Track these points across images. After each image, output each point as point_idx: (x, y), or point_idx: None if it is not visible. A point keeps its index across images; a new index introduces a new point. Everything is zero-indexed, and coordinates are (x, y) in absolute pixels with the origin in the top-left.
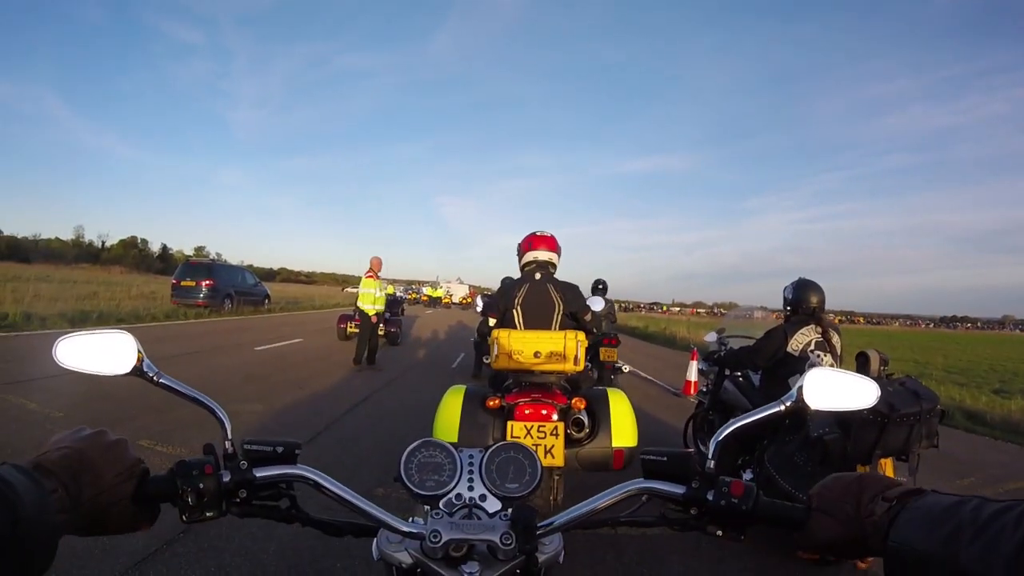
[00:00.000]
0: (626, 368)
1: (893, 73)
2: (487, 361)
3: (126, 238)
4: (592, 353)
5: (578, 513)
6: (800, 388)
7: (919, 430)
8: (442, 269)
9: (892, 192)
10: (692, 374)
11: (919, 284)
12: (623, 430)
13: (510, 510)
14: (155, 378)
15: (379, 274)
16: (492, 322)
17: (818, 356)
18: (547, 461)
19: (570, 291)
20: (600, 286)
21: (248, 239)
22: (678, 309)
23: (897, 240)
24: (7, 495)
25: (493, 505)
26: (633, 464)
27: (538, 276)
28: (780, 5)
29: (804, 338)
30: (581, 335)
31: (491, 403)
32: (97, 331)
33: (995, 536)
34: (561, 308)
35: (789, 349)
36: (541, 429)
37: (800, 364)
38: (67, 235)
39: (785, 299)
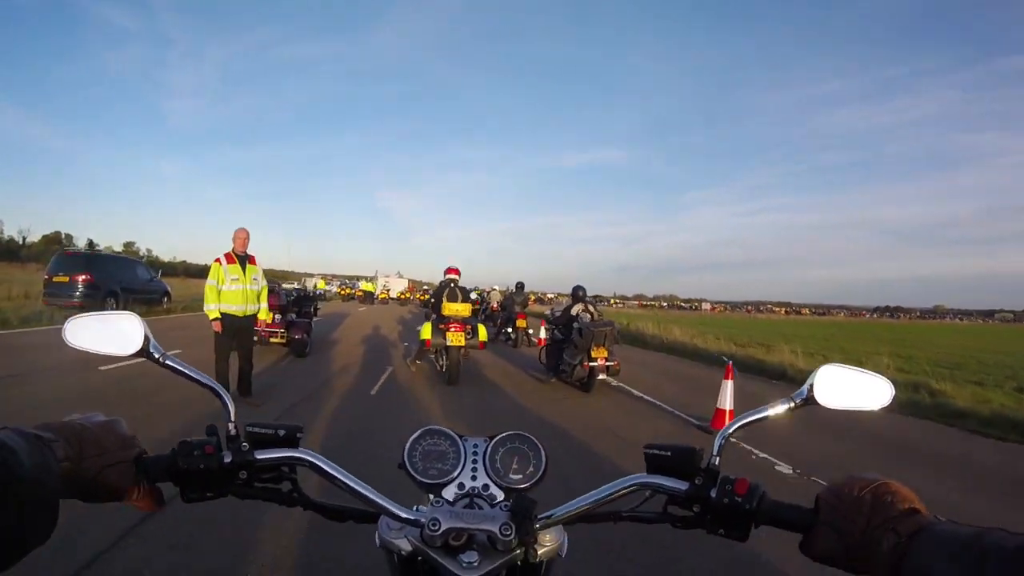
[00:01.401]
0: (609, 378)
1: (827, 74)
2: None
3: (49, 234)
4: (512, 324)
5: (579, 506)
6: (811, 385)
7: (611, 336)
8: (383, 263)
9: (826, 188)
10: (727, 400)
11: (853, 276)
12: (483, 335)
13: (510, 501)
14: (161, 359)
15: (245, 255)
16: (434, 302)
17: (584, 315)
18: (458, 343)
19: (464, 290)
20: (519, 285)
21: (184, 234)
22: (621, 303)
23: (831, 234)
24: (5, 458)
25: (496, 495)
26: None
27: (452, 284)
28: (717, 3)
29: (577, 308)
30: (471, 306)
31: (441, 327)
32: (105, 312)
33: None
34: (462, 296)
35: (572, 313)
36: (456, 333)
37: (575, 320)
38: None
39: (571, 293)
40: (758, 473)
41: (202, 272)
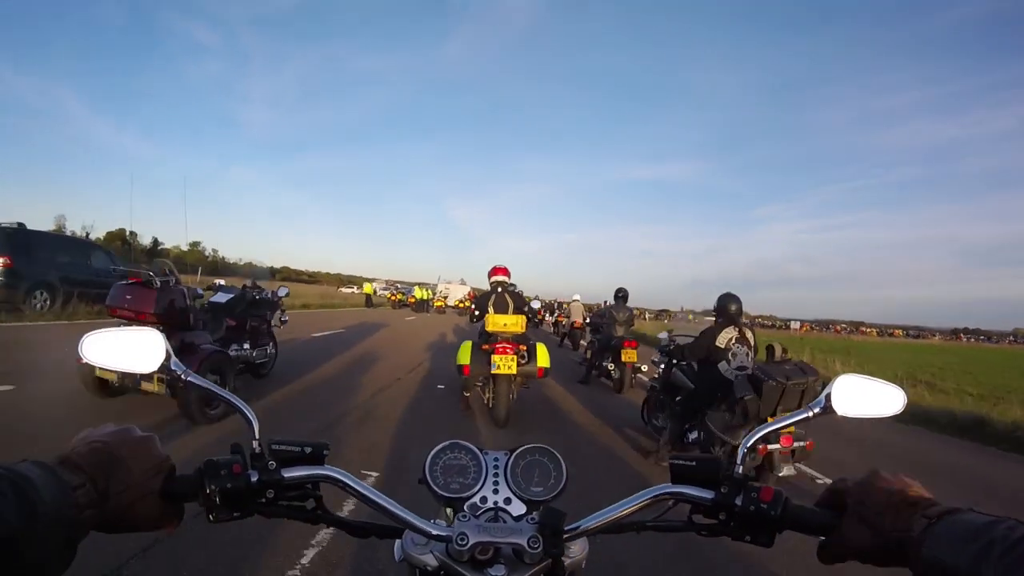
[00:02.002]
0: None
1: (900, 86)
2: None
3: (114, 230)
4: (613, 353)
5: (605, 518)
6: (828, 395)
7: (808, 394)
8: (448, 271)
9: (898, 204)
10: None
11: (925, 296)
12: (543, 359)
13: (536, 513)
14: (183, 376)
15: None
16: (478, 312)
17: (739, 347)
18: (509, 371)
19: (517, 296)
20: (620, 294)
21: (252, 237)
22: (692, 316)
23: (903, 252)
24: (25, 491)
25: (518, 508)
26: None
27: (499, 289)
28: (789, 16)
29: (727, 336)
30: (523, 318)
31: (484, 347)
32: (125, 328)
33: (1022, 556)
34: (512, 305)
35: (717, 343)
36: (505, 357)
37: (724, 355)
38: (48, 225)
39: (715, 307)
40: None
41: (266, 274)
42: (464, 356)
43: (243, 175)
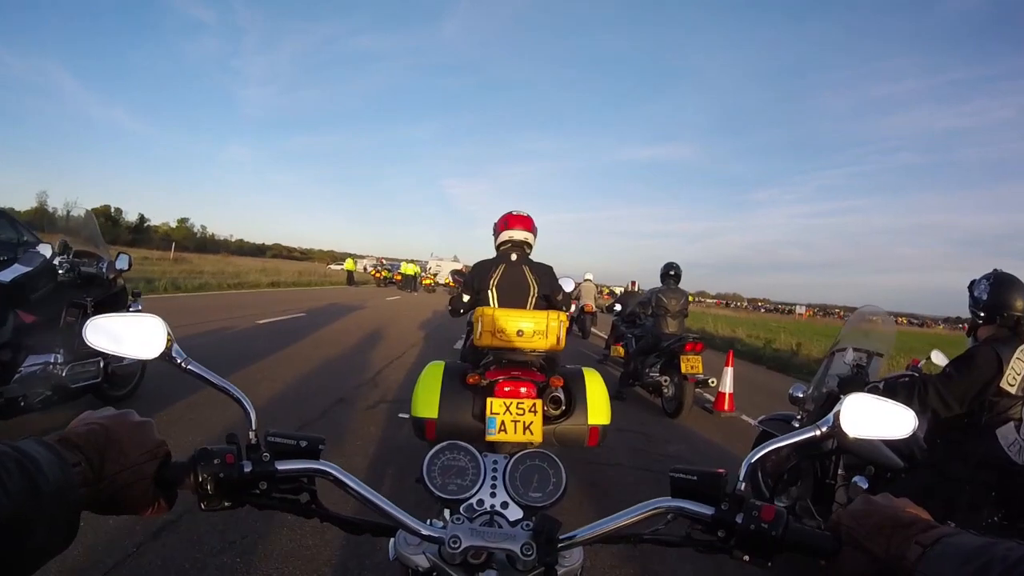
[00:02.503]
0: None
1: (900, 73)
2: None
3: (98, 207)
4: (665, 359)
5: (602, 528)
6: (837, 414)
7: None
8: (443, 249)
9: (897, 190)
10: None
11: (918, 283)
12: (598, 408)
13: (532, 520)
14: (183, 364)
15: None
16: (466, 298)
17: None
18: (525, 437)
19: (545, 273)
20: (672, 272)
21: (246, 215)
22: (699, 301)
23: (902, 238)
24: (29, 470)
25: (515, 513)
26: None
27: (514, 257)
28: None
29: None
30: (563, 315)
31: (471, 379)
32: (128, 314)
33: None
34: (536, 290)
35: (1003, 384)
36: (520, 406)
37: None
38: (31, 203)
39: (977, 301)
40: None
41: (256, 251)
42: (425, 398)
43: (238, 153)
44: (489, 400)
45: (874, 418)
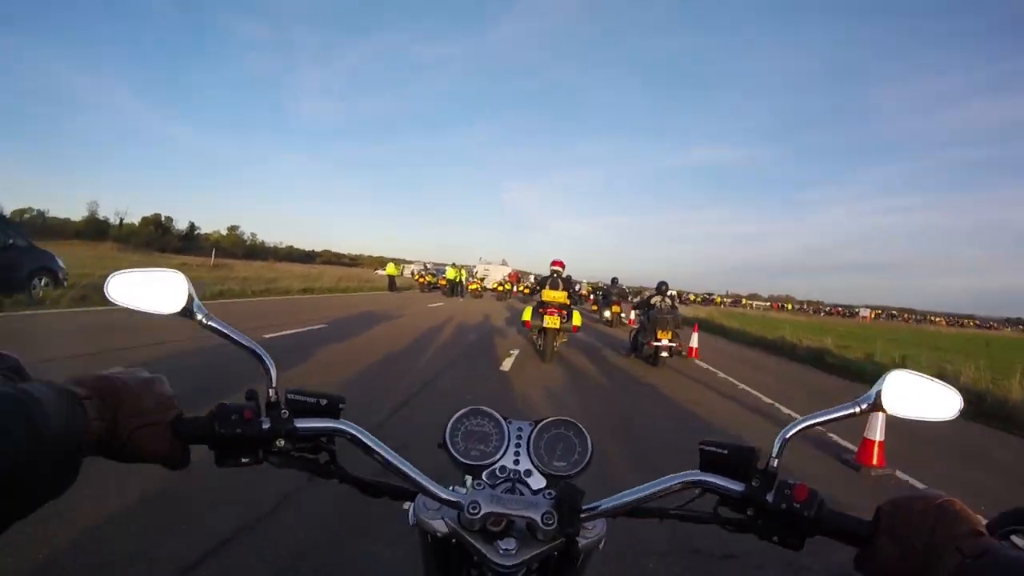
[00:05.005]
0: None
1: (953, 66)
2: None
3: (149, 215)
4: (609, 309)
5: (626, 500)
6: (879, 392)
7: (674, 322)
8: (491, 252)
9: (956, 188)
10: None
11: (980, 284)
12: (577, 320)
13: (554, 489)
14: (204, 320)
15: None
16: (539, 288)
17: (660, 299)
18: (553, 326)
19: (565, 280)
20: (614, 280)
21: (297, 223)
22: (750, 304)
23: (959, 238)
24: (31, 411)
25: (538, 482)
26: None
27: (554, 275)
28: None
29: (657, 299)
30: (566, 293)
31: (540, 311)
32: (149, 269)
33: None
34: (562, 286)
35: (651, 302)
36: (552, 316)
37: (652, 308)
38: (82, 212)
39: (657, 286)
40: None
41: (306, 257)
42: (527, 315)
43: (292, 162)
44: (544, 316)
45: (917, 397)
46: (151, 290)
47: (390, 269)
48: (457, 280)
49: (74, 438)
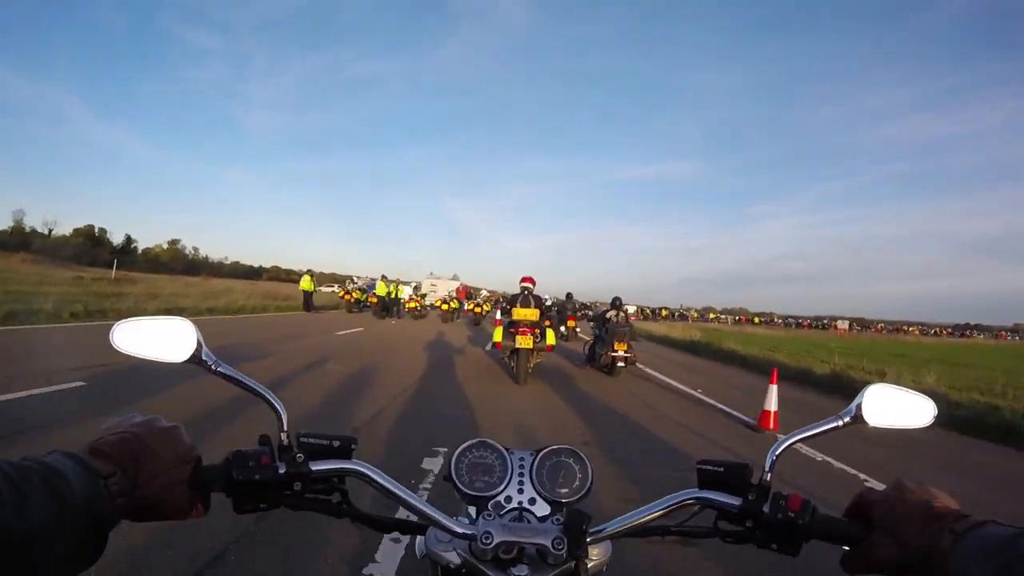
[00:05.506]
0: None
1: (893, 83)
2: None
3: (81, 227)
4: (564, 323)
5: (631, 521)
6: (859, 405)
7: (629, 335)
8: (441, 268)
9: (895, 199)
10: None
11: (923, 291)
12: (551, 339)
13: (560, 514)
14: (213, 367)
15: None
16: (509, 308)
17: (615, 314)
18: (526, 346)
19: (536, 298)
20: (568, 295)
21: (242, 237)
22: (725, 319)
23: (901, 246)
24: (56, 485)
25: (542, 509)
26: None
27: (525, 292)
28: (781, 16)
29: (612, 313)
30: (539, 311)
31: (512, 330)
32: (156, 317)
33: None
34: (533, 303)
35: (607, 316)
36: (525, 335)
37: (607, 321)
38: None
39: (612, 301)
40: None
41: (250, 273)
42: (498, 336)
43: (237, 175)
44: (516, 336)
45: (895, 408)
46: (158, 339)
47: (305, 283)
48: (390, 297)
49: (101, 509)
